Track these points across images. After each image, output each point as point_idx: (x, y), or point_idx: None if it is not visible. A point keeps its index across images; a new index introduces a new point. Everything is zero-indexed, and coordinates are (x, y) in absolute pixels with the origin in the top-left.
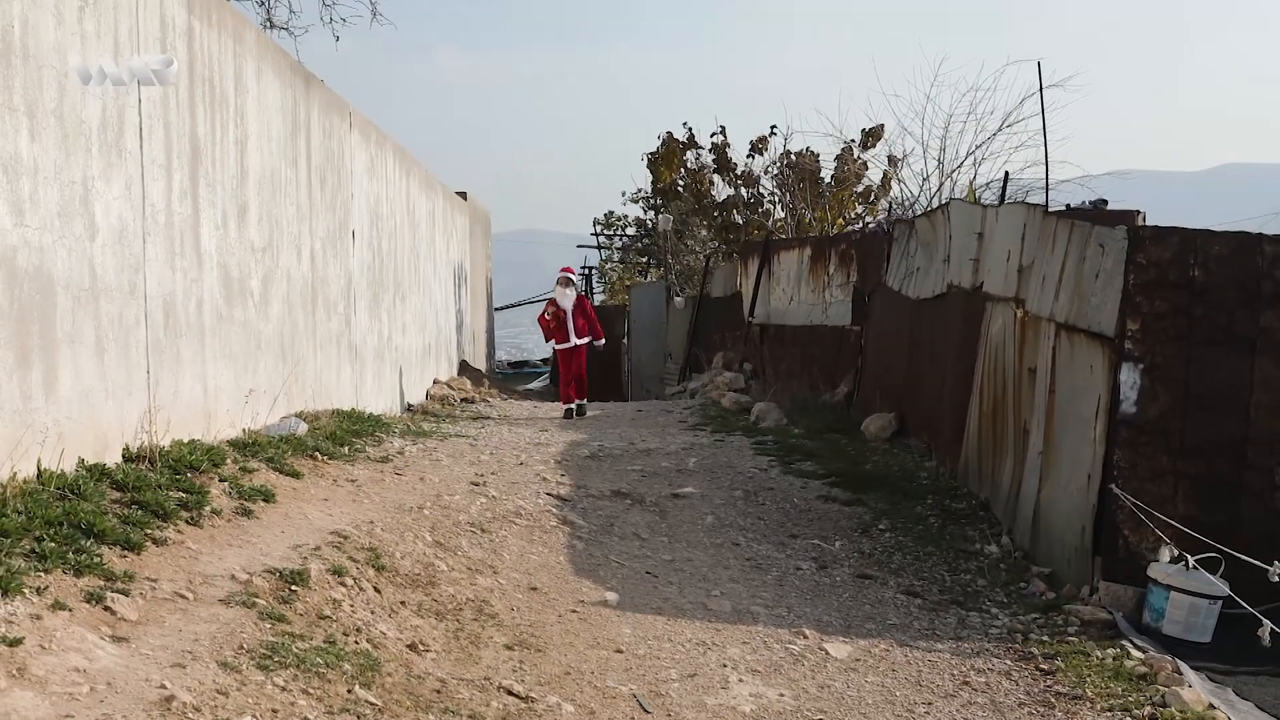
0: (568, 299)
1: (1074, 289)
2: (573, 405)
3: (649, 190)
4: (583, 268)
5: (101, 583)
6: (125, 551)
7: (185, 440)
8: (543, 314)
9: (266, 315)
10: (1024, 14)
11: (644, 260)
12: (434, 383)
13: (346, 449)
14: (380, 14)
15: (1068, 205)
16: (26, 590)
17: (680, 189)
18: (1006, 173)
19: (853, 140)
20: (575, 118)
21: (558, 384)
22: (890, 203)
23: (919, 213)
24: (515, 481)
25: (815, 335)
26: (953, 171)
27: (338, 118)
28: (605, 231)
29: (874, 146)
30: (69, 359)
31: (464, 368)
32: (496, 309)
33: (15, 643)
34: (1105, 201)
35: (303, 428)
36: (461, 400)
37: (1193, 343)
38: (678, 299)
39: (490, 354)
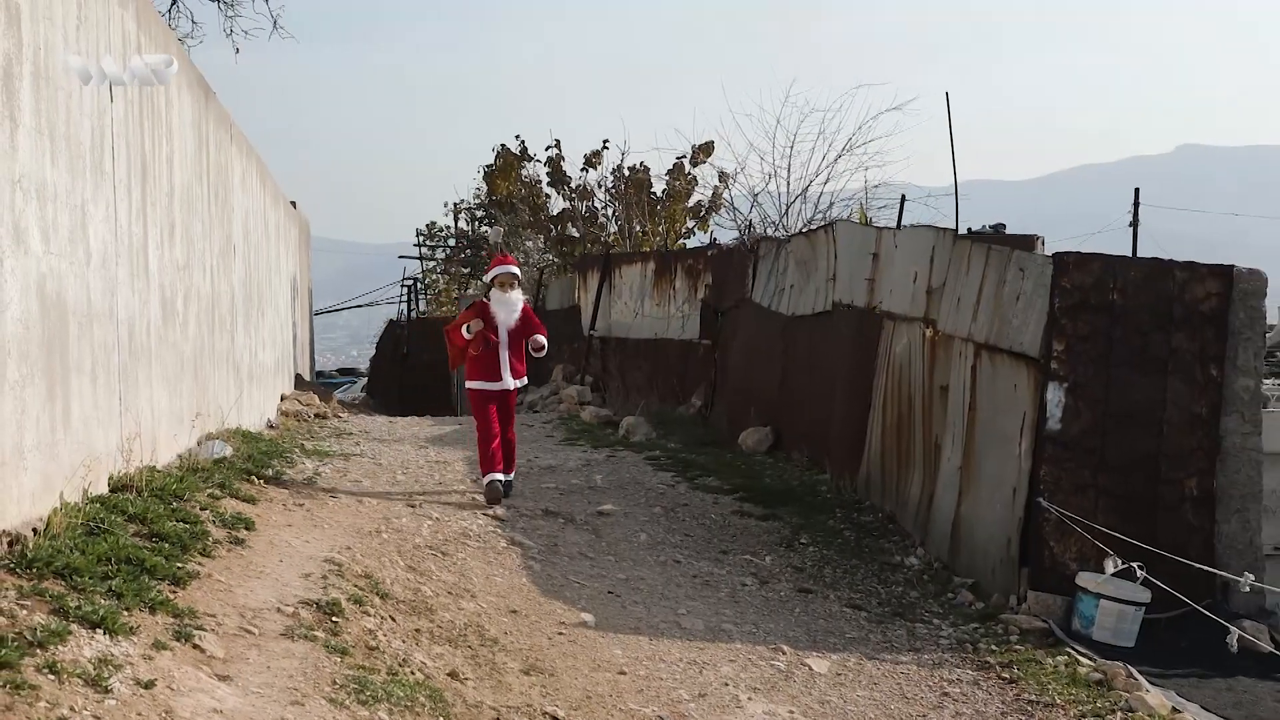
0: (512, 308)
1: (994, 311)
2: (499, 479)
3: (485, 201)
4: (404, 279)
5: (171, 619)
6: (173, 586)
7: (144, 467)
8: (457, 324)
9: (186, 335)
10: (862, 40)
11: (466, 271)
12: (282, 398)
13: (270, 471)
14: (281, 26)
15: (969, 229)
16: (127, 630)
17: (515, 201)
18: (903, 195)
19: (683, 156)
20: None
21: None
22: (749, 222)
23: (772, 232)
24: (448, 503)
25: (662, 349)
26: (804, 190)
27: (224, 131)
28: (428, 242)
29: (704, 162)
30: (78, 388)
31: (299, 381)
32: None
33: (149, 685)
34: (1004, 225)
35: (228, 450)
36: (315, 416)
37: (1112, 363)
38: None
39: (313, 365)
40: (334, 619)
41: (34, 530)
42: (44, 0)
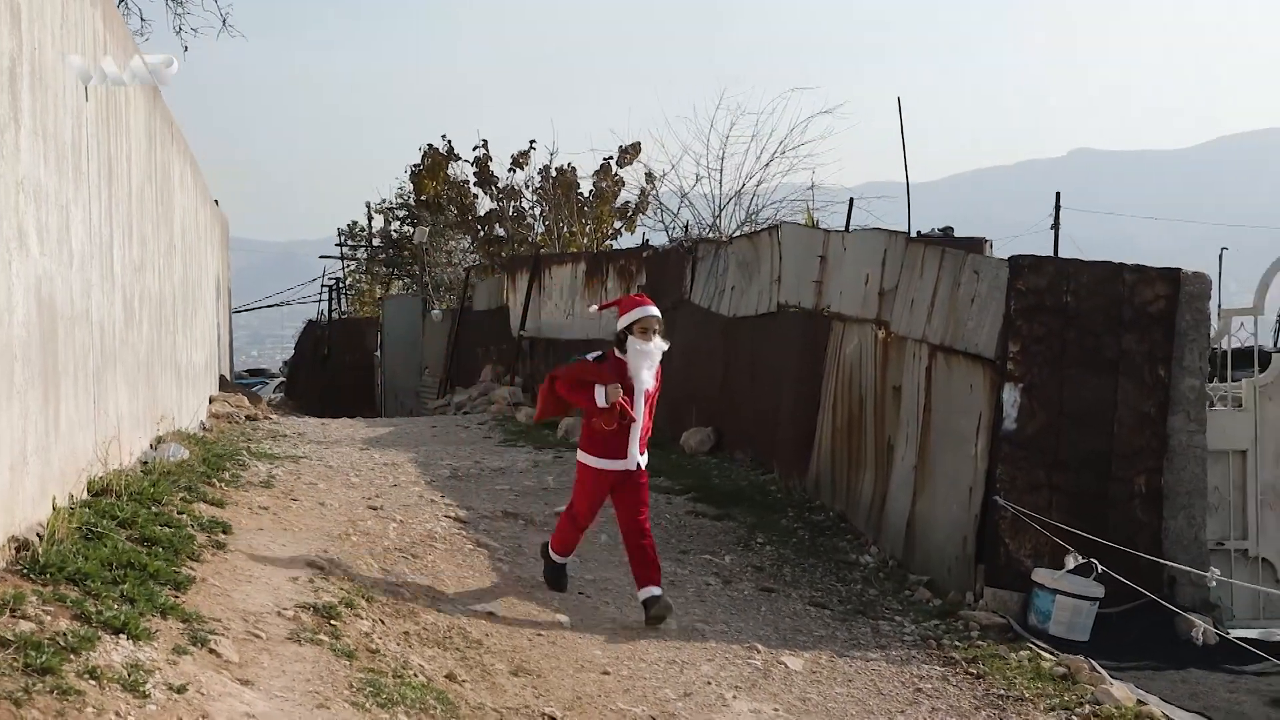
0: (653, 364)
1: (949, 313)
2: (656, 594)
3: (410, 201)
4: (325, 278)
5: (182, 624)
6: (175, 591)
7: (118, 471)
8: (576, 377)
9: (141, 337)
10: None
11: (389, 271)
12: (211, 400)
13: (227, 474)
14: (230, 24)
15: (918, 232)
16: (147, 635)
17: (443, 202)
18: (851, 199)
19: (610, 157)
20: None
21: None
22: (686, 223)
23: (706, 233)
24: (407, 505)
25: (593, 349)
26: (737, 191)
27: (168, 129)
28: (350, 242)
29: (630, 163)
30: (67, 391)
31: (223, 383)
32: None
33: (182, 689)
34: (951, 229)
35: (184, 453)
36: (246, 418)
37: (1065, 364)
38: (435, 312)
39: (233, 367)
40: (333, 622)
41: (38, 535)
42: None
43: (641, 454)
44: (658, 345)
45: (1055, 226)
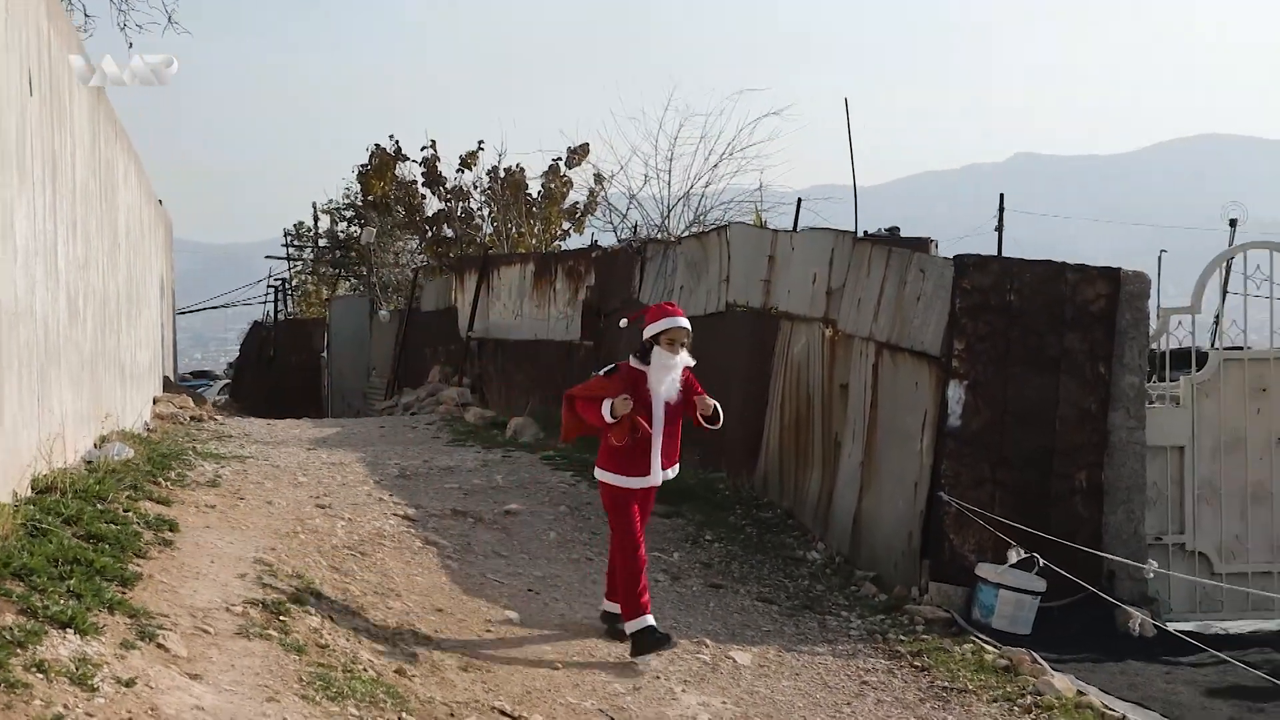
0: (670, 376)
1: (895, 311)
2: (650, 624)
3: (357, 202)
4: (271, 279)
5: (130, 619)
6: (122, 587)
7: (62, 469)
8: (590, 393)
9: (86, 334)
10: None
11: (335, 272)
12: (155, 400)
13: (173, 473)
14: (175, 20)
15: (865, 232)
16: (95, 630)
17: (390, 202)
18: (799, 199)
19: (559, 158)
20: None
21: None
22: (635, 224)
23: (654, 234)
24: (355, 503)
25: (542, 350)
26: (686, 193)
27: (111, 126)
28: (295, 242)
29: (579, 164)
30: (10, 388)
31: (166, 383)
32: None
33: (130, 683)
34: (898, 229)
35: (129, 452)
36: (191, 419)
37: (1009, 362)
38: (383, 312)
39: (176, 368)
40: (281, 618)
41: None
42: None
43: (668, 469)
44: (683, 359)
45: (999, 228)
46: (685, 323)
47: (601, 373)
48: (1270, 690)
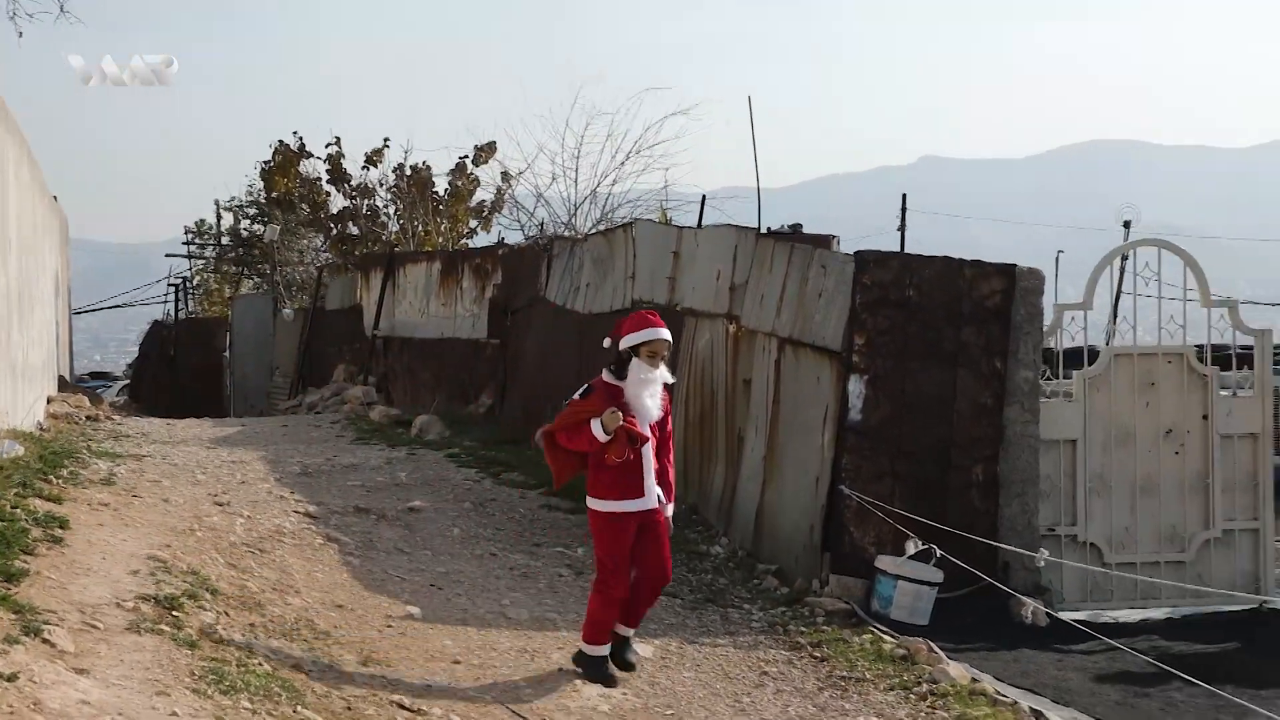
0: (650, 390)
1: (797, 307)
2: (606, 655)
3: (260, 199)
4: (172, 278)
5: (14, 615)
6: (8, 583)
7: None
8: (572, 420)
9: None
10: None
11: (238, 270)
12: (49, 400)
13: (65, 471)
14: (67, 10)
15: (768, 228)
16: None
17: (295, 199)
18: (704, 196)
19: (466, 155)
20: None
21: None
22: (542, 222)
23: (561, 232)
24: (255, 500)
25: (449, 348)
26: (593, 191)
27: (1, 117)
28: (197, 240)
29: (485, 161)
30: None
31: (62, 383)
32: None
33: (12, 678)
34: (800, 225)
35: (19, 449)
36: (86, 418)
37: (908, 356)
38: (286, 311)
39: (72, 367)
40: (174, 613)
41: None
42: None
43: (668, 501)
44: (663, 374)
45: (902, 228)
46: (667, 334)
47: (576, 395)
48: (1156, 675)
